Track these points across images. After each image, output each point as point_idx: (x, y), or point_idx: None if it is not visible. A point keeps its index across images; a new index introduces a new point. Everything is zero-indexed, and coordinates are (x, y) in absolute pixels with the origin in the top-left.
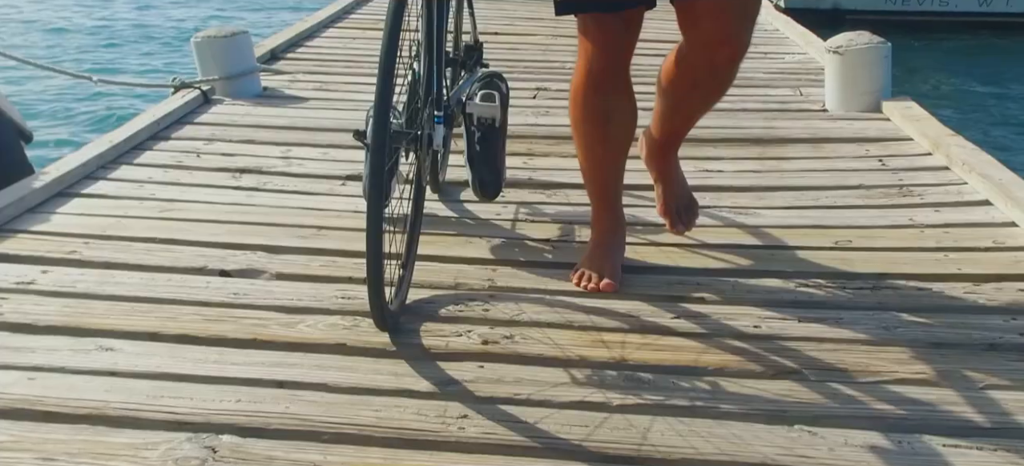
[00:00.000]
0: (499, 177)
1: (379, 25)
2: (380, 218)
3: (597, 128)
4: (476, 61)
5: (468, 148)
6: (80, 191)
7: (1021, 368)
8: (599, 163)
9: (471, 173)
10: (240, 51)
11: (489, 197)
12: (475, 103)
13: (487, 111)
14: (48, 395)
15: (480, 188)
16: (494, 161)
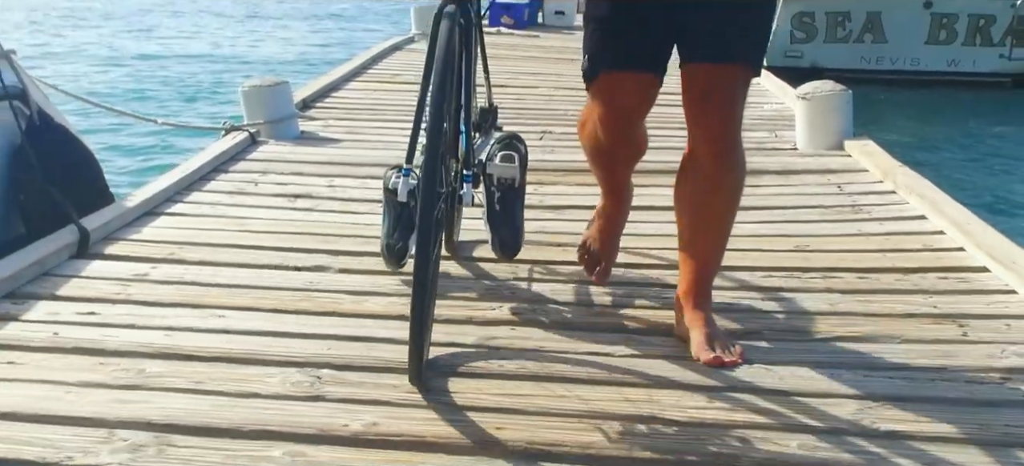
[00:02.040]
0: (519, 236)
1: (395, 79)
2: (426, 277)
3: (602, 157)
4: (491, 123)
5: (488, 208)
6: (165, 210)
7: (931, 329)
8: (608, 175)
9: (491, 232)
10: (281, 98)
11: (509, 256)
12: (495, 164)
13: (507, 171)
14: (185, 344)
15: (500, 247)
16: (513, 221)
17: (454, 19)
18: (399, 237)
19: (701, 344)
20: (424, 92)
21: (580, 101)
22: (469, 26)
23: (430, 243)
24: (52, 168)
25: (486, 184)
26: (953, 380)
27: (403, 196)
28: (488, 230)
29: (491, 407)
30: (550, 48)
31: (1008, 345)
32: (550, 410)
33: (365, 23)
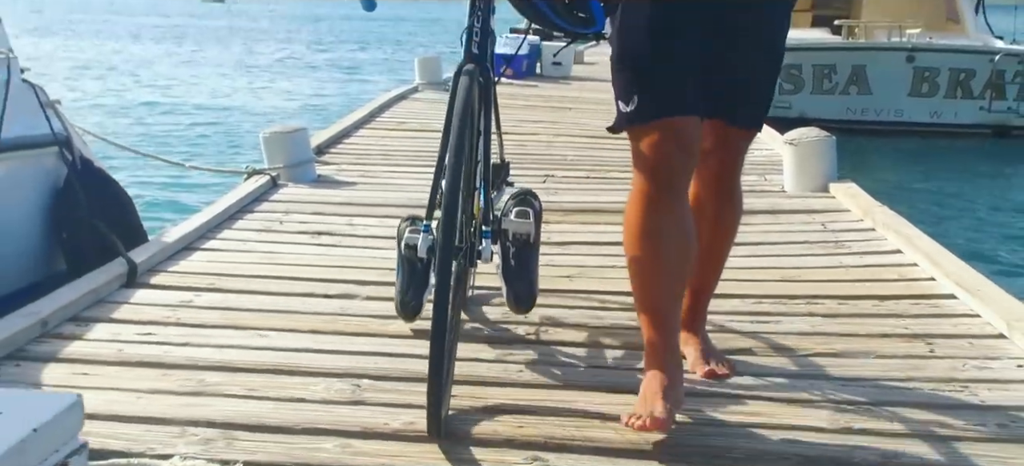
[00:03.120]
0: (533, 291)
1: (402, 126)
2: (444, 335)
3: (649, 242)
4: (503, 178)
5: (503, 263)
6: (200, 246)
7: (903, 346)
8: (652, 284)
9: (506, 287)
10: (300, 144)
11: (524, 310)
12: (510, 219)
13: (522, 227)
14: (236, 359)
15: (515, 302)
16: (528, 275)
17: (473, 77)
18: (413, 294)
19: (697, 359)
20: (443, 148)
21: (580, 145)
22: (487, 84)
23: (448, 300)
24: (96, 208)
25: (501, 239)
26: (920, 388)
27: (422, 252)
28: (503, 284)
29: (510, 410)
30: (549, 97)
31: (970, 360)
32: (562, 411)
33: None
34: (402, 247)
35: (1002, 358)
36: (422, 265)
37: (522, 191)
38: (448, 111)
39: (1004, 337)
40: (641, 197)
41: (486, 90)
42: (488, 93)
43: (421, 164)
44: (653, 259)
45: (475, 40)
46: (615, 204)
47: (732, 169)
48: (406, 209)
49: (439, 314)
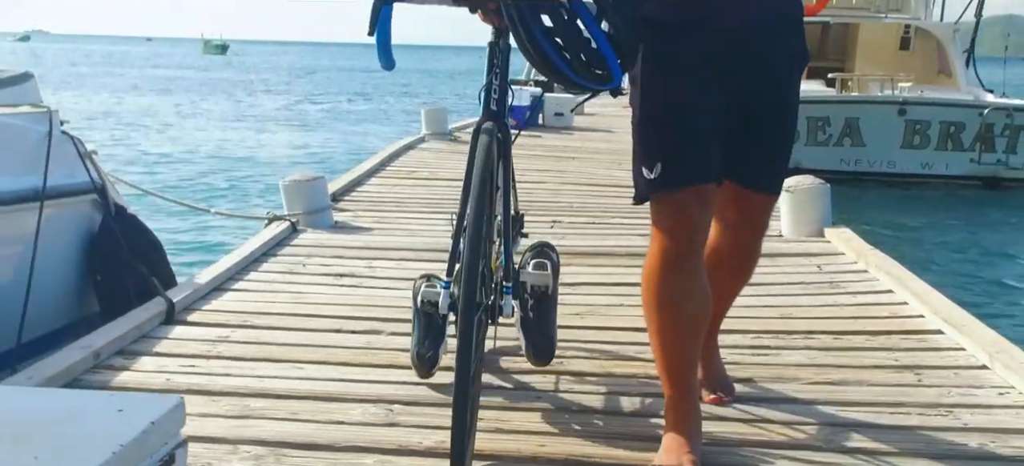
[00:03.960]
0: (552, 343)
1: (412, 175)
2: (467, 389)
3: (672, 309)
4: (517, 231)
5: (521, 315)
6: (230, 287)
7: (892, 376)
8: (674, 344)
9: (524, 339)
10: (318, 191)
11: (543, 362)
12: (528, 271)
13: (541, 279)
14: (276, 387)
15: (534, 354)
16: (547, 328)
17: (492, 134)
18: (429, 346)
19: (705, 387)
20: (463, 205)
21: (584, 193)
22: (506, 140)
23: (470, 358)
24: (131, 251)
25: (519, 291)
26: (908, 412)
27: (443, 308)
28: (521, 337)
29: (533, 431)
30: (553, 147)
31: (954, 388)
32: (583, 433)
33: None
34: (419, 303)
35: (985, 386)
36: (439, 320)
37: (539, 244)
38: (468, 168)
39: (987, 368)
40: (662, 259)
41: (505, 146)
42: (507, 149)
43: (432, 211)
44: (676, 323)
45: (494, 97)
46: (620, 247)
47: (756, 234)
48: (421, 253)
49: (462, 370)
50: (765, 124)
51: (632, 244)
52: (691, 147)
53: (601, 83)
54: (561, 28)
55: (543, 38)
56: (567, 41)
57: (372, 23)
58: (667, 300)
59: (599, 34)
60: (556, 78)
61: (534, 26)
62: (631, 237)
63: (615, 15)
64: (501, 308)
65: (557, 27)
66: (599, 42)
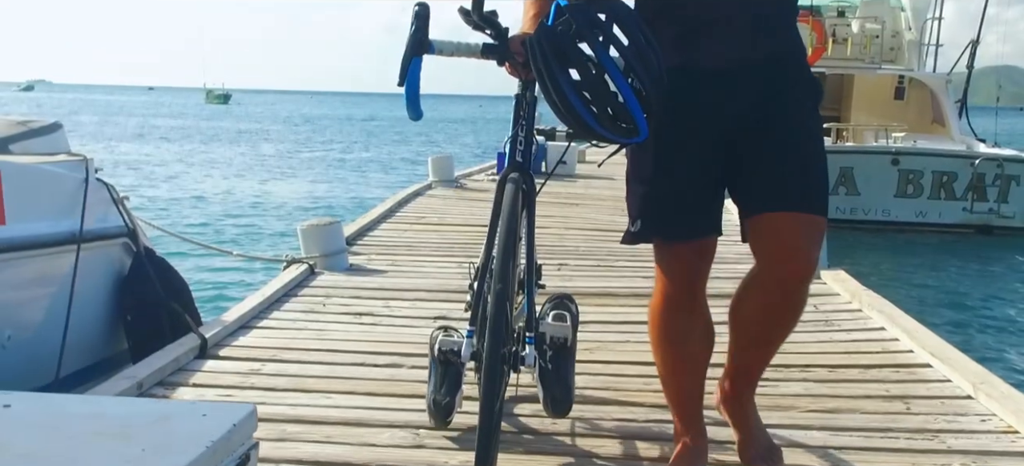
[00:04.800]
0: (570, 395)
1: (421, 220)
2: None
3: (675, 348)
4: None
5: (540, 366)
6: (256, 324)
7: (883, 405)
8: (678, 378)
9: (542, 391)
10: (334, 235)
11: (561, 414)
12: (548, 323)
13: (560, 331)
14: (309, 415)
15: (552, 405)
16: (565, 379)
17: (518, 185)
18: (446, 392)
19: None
20: (487, 254)
21: (589, 237)
22: (530, 192)
23: (495, 406)
24: (163, 291)
25: (538, 342)
26: (897, 437)
27: (465, 357)
28: (539, 387)
29: (552, 453)
30: (557, 194)
31: (940, 415)
32: (593, 455)
33: (361, 171)
34: (436, 351)
35: (968, 415)
36: (455, 368)
37: (558, 295)
38: (492, 217)
39: (971, 398)
40: (662, 299)
41: (529, 197)
42: (531, 200)
43: (443, 254)
44: (678, 360)
45: (519, 149)
46: (624, 288)
47: (803, 269)
48: (434, 294)
49: (485, 418)
50: (766, 149)
51: (635, 285)
52: (666, 208)
53: (627, 137)
54: (589, 82)
55: (571, 92)
56: (595, 95)
57: (402, 74)
58: (668, 338)
59: (626, 89)
60: (583, 130)
61: (562, 80)
62: (635, 278)
63: (642, 70)
64: (523, 358)
65: (585, 81)
66: (626, 96)
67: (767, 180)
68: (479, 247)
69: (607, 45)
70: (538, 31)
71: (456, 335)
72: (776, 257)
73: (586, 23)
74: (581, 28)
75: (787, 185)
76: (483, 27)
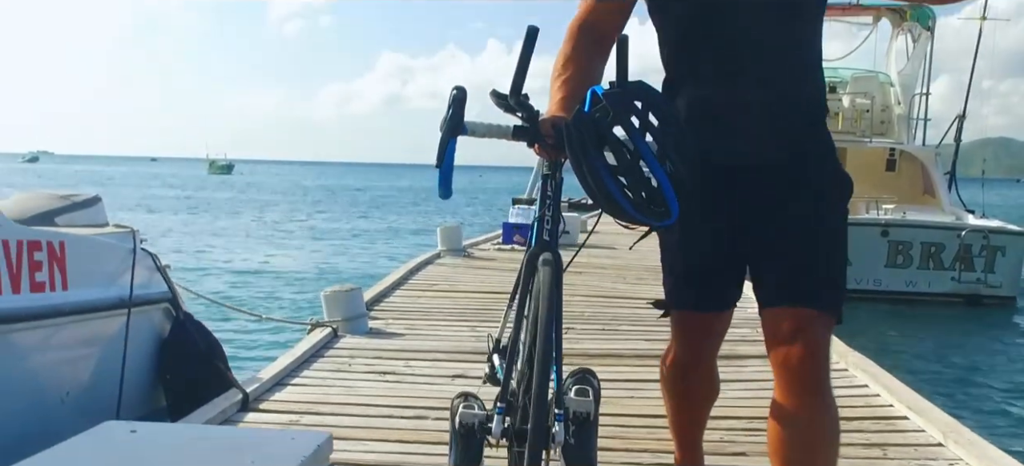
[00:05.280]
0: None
1: (433, 287)
2: None
3: (678, 399)
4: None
5: (563, 440)
6: (290, 382)
7: (863, 452)
8: (680, 417)
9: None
10: (355, 301)
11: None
12: (571, 397)
13: (582, 406)
14: (349, 458)
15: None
16: (588, 455)
17: (551, 265)
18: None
19: None
20: (516, 333)
21: (593, 303)
22: (557, 269)
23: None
24: (200, 352)
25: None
26: None
27: (496, 433)
28: (562, 462)
29: None
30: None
31: (914, 460)
32: None
33: (364, 240)
34: (457, 424)
35: (938, 460)
36: (477, 440)
37: (581, 370)
38: (521, 295)
39: (941, 445)
40: (673, 360)
41: (557, 274)
42: (558, 278)
43: (456, 319)
44: (684, 407)
45: (546, 227)
46: (628, 349)
47: (810, 362)
48: (451, 354)
49: None
50: (780, 243)
51: (638, 347)
52: (679, 281)
53: (659, 219)
54: (625, 167)
55: (607, 176)
56: (630, 179)
57: (440, 156)
58: (673, 390)
59: (661, 174)
60: (616, 212)
61: (599, 165)
62: (637, 341)
63: (677, 155)
64: (553, 434)
65: (621, 166)
66: (660, 180)
67: (778, 274)
68: (489, 313)
69: (643, 131)
70: (576, 117)
71: (476, 406)
72: (778, 351)
73: (623, 110)
74: (618, 115)
75: (797, 280)
76: (515, 110)
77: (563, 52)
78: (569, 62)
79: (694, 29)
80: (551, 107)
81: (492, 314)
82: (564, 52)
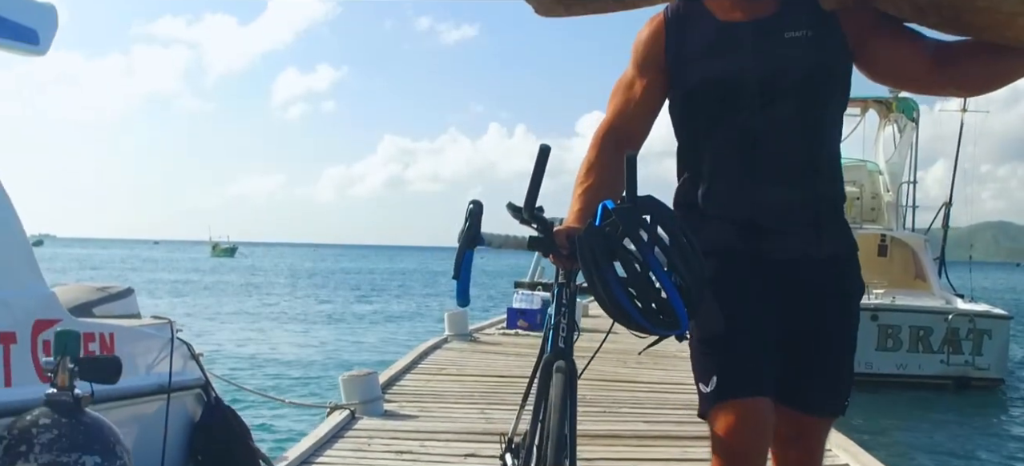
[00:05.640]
0: None
1: (442, 371)
2: None
3: None
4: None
5: None
6: (315, 461)
7: None
8: None
9: None
10: (371, 384)
11: None
12: None
13: None
14: None
15: None
16: None
17: (566, 373)
18: None
19: None
20: (533, 435)
21: (594, 386)
22: (572, 376)
23: None
24: (232, 433)
25: None
26: None
27: None
28: None
29: None
30: None
31: None
32: None
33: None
34: None
35: None
36: None
37: None
38: (537, 400)
39: None
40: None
41: (571, 381)
42: (573, 383)
43: (466, 402)
44: None
45: (561, 335)
46: (628, 430)
47: (812, 460)
48: (462, 435)
49: None
50: (805, 350)
51: (638, 428)
52: (742, 361)
53: (668, 329)
54: (634, 279)
55: (617, 287)
56: (639, 291)
57: (457, 268)
58: None
59: (669, 286)
60: (626, 322)
61: (610, 277)
62: (637, 422)
63: (684, 268)
64: None
65: (631, 278)
66: (669, 293)
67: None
68: (497, 396)
69: (652, 245)
70: (587, 230)
71: None
72: (774, 448)
73: (632, 224)
74: (627, 229)
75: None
76: (530, 222)
77: (587, 159)
78: (591, 170)
79: (718, 130)
80: (568, 218)
81: (500, 397)
82: (588, 159)
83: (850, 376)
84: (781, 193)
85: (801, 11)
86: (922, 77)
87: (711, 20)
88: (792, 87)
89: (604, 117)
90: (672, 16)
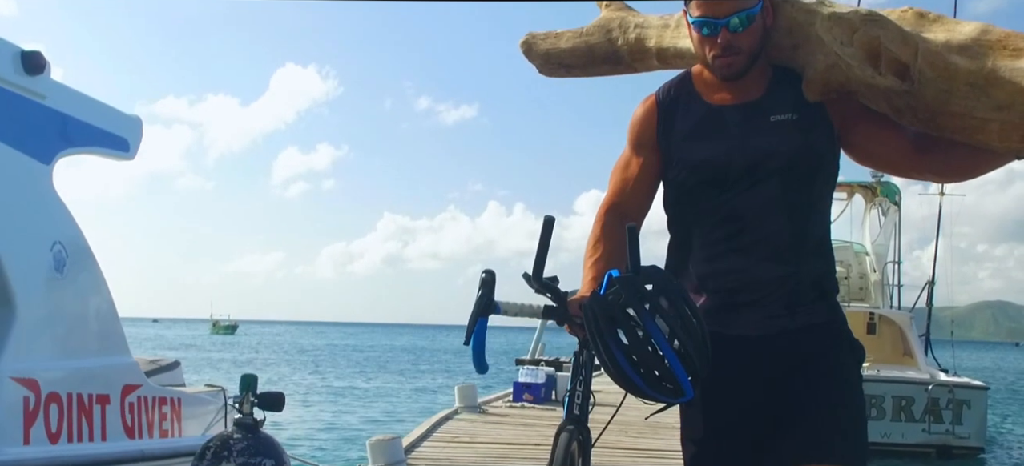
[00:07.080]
0: None
1: (456, 440)
2: None
3: None
4: None
5: None
6: None
7: None
8: None
9: None
10: (396, 449)
11: None
12: None
13: None
14: None
15: None
16: None
17: (579, 440)
18: None
19: None
20: None
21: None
22: (586, 442)
23: None
24: None
25: None
26: None
27: None
28: None
29: None
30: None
31: None
32: None
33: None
34: None
35: None
36: None
37: None
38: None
39: None
40: None
41: (585, 447)
42: (587, 450)
43: None
44: None
45: (577, 403)
46: None
47: None
48: None
49: None
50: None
51: None
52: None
53: (672, 396)
54: (636, 346)
55: (620, 354)
56: (641, 358)
57: (469, 334)
58: None
59: (670, 353)
60: (629, 388)
61: (612, 344)
62: None
63: (685, 336)
64: None
65: (633, 345)
66: (670, 360)
67: (804, 431)
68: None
69: (653, 313)
70: (591, 299)
71: None
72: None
73: (634, 293)
74: (629, 298)
75: (820, 436)
76: (545, 292)
77: (594, 233)
78: (599, 243)
79: (705, 208)
80: (581, 288)
81: (510, 463)
82: (594, 233)
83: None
84: (764, 269)
85: (787, 94)
86: (902, 162)
87: (700, 103)
88: (777, 169)
89: (606, 194)
90: (663, 98)
